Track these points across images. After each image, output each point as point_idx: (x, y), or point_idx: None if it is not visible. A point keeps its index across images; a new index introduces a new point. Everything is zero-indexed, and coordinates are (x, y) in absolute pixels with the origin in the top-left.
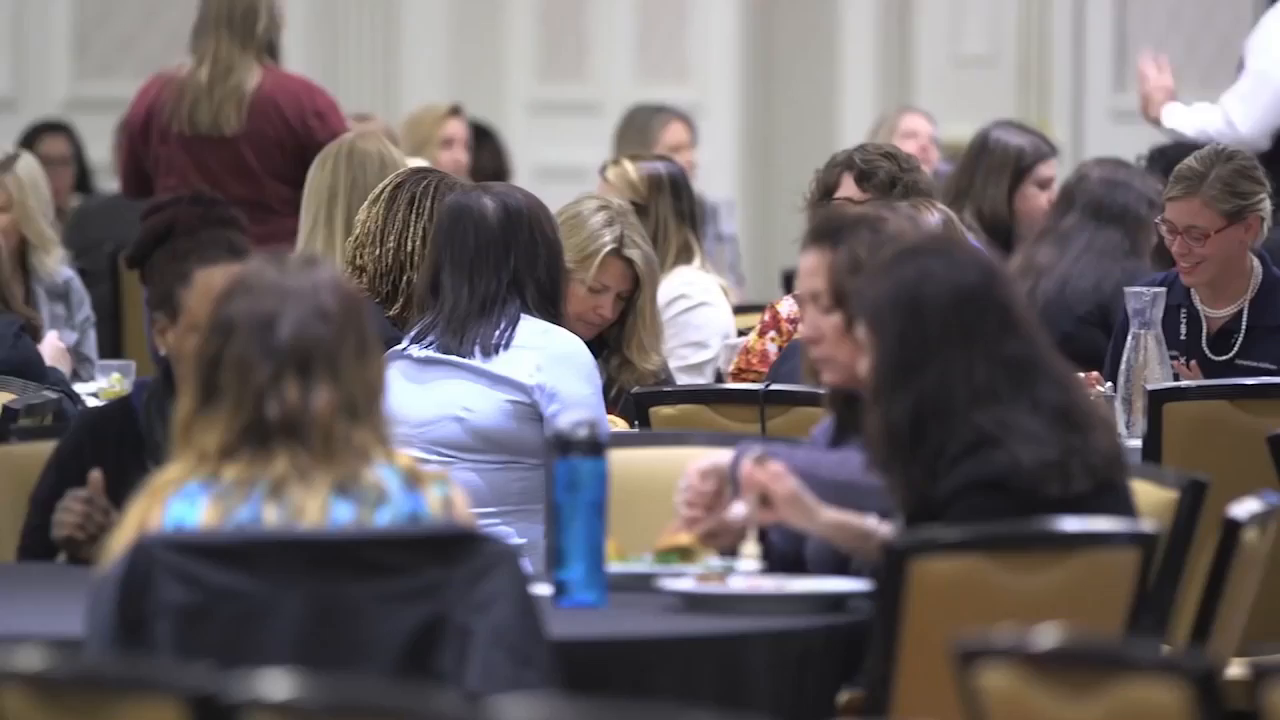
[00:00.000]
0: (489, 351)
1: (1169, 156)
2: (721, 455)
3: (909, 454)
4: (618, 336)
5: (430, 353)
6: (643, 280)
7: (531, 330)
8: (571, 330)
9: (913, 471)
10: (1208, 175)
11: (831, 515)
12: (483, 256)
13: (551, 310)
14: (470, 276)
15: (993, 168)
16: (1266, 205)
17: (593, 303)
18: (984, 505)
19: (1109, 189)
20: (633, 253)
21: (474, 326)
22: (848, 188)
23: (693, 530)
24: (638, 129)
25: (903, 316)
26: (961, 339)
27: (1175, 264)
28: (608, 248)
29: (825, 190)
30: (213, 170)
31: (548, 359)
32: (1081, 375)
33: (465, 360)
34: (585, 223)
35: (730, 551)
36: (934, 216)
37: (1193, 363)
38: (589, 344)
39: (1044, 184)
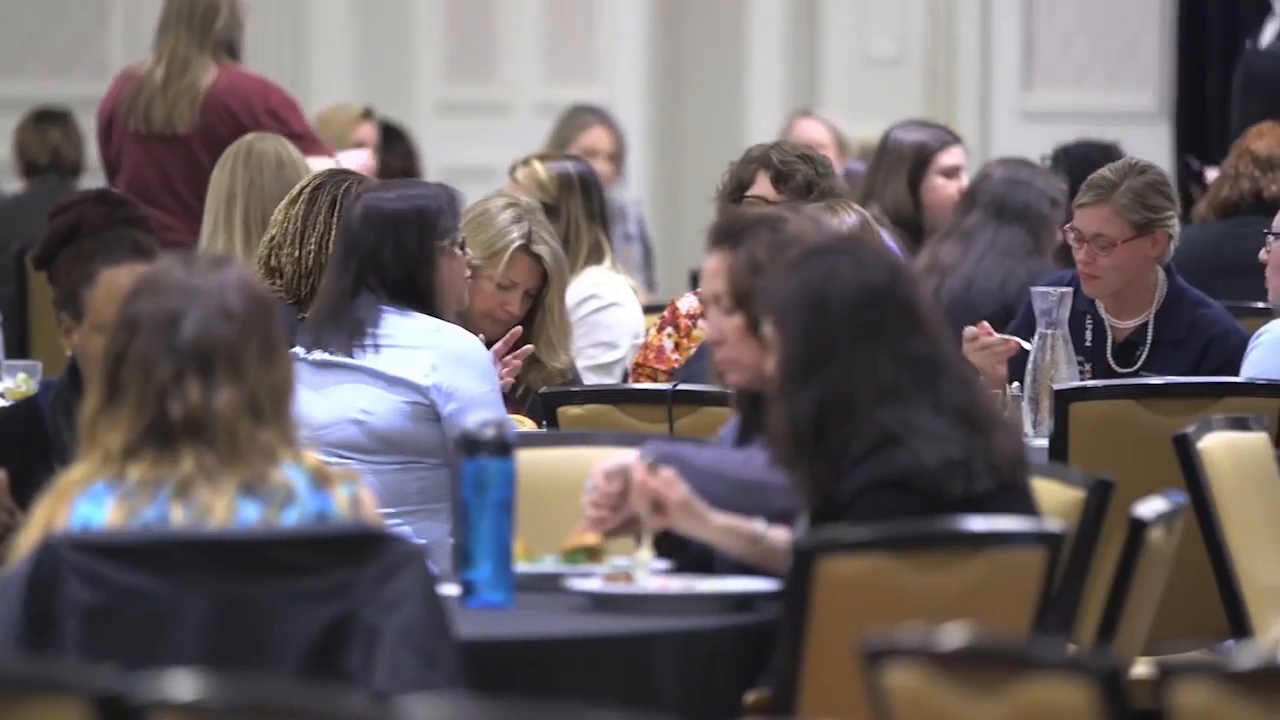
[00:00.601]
0: (351, 350)
1: (1073, 156)
2: (627, 455)
3: (813, 450)
4: (525, 336)
5: (324, 355)
6: (551, 277)
7: (424, 329)
8: (479, 328)
9: (817, 468)
10: (1120, 185)
11: (722, 520)
12: (338, 255)
13: (415, 301)
14: (331, 275)
15: (891, 165)
16: (1175, 224)
17: (500, 299)
18: (887, 504)
19: (1011, 188)
20: (540, 249)
21: (330, 324)
22: (762, 186)
23: (599, 530)
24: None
25: (808, 314)
26: (866, 337)
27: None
28: (515, 244)
29: (739, 185)
30: (166, 169)
31: (442, 358)
32: (972, 329)
33: (360, 362)
34: (493, 220)
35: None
36: (850, 218)
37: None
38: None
39: (949, 172)
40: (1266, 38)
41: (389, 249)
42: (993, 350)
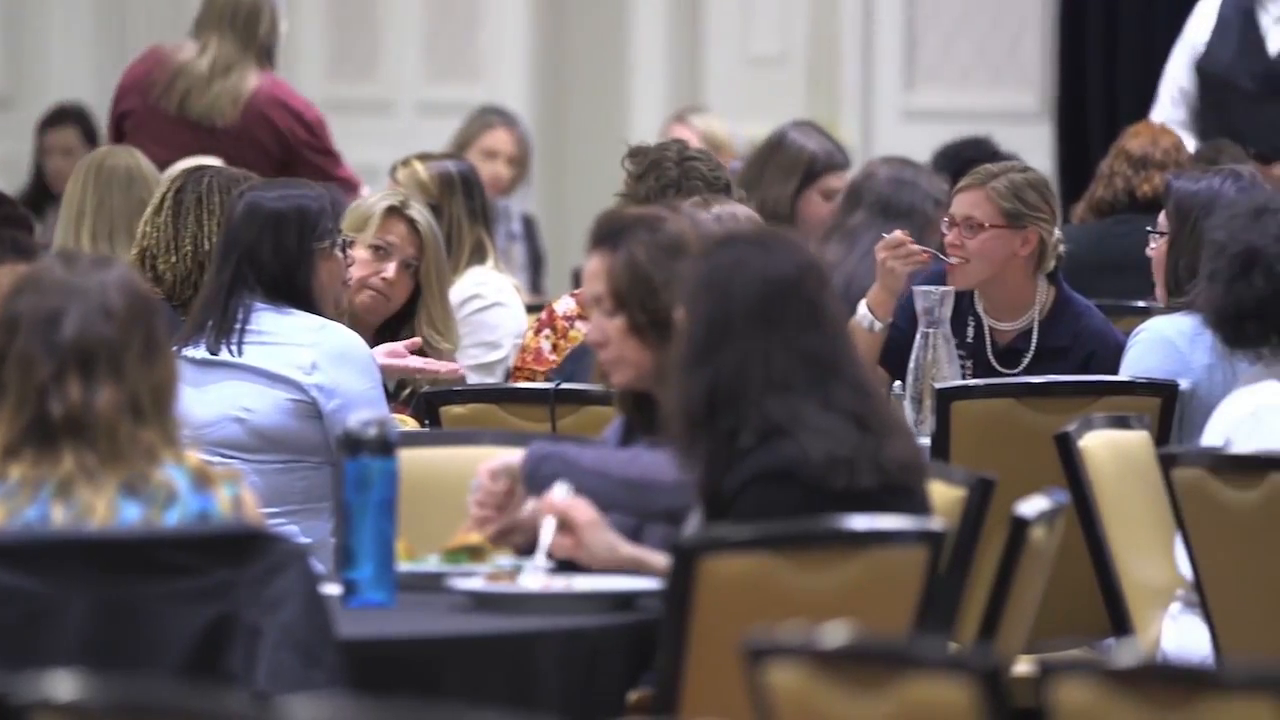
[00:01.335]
0: (231, 347)
1: (963, 157)
2: (512, 455)
3: (703, 433)
4: (410, 333)
5: (203, 354)
6: (426, 244)
7: (305, 326)
8: (356, 299)
9: (707, 451)
10: (999, 175)
11: (629, 551)
12: (218, 252)
13: (293, 300)
14: (210, 272)
15: (783, 165)
16: (1050, 230)
17: (376, 266)
18: (772, 496)
19: (896, 187)
20: (413, 213)
21: (208, 321)
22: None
23: (484, 530)
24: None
25: (711, 298)
26: (764, 326)
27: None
28: (386, 204)
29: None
30: (188, 153)
31: (323, 355)
32: (898, 234)
33: (241, 360)
34: (364, 201)
35: (526, 550)
36: (718, 209)
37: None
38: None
39: (828, 194)
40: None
41: (268, 247)
42: (912, 258)
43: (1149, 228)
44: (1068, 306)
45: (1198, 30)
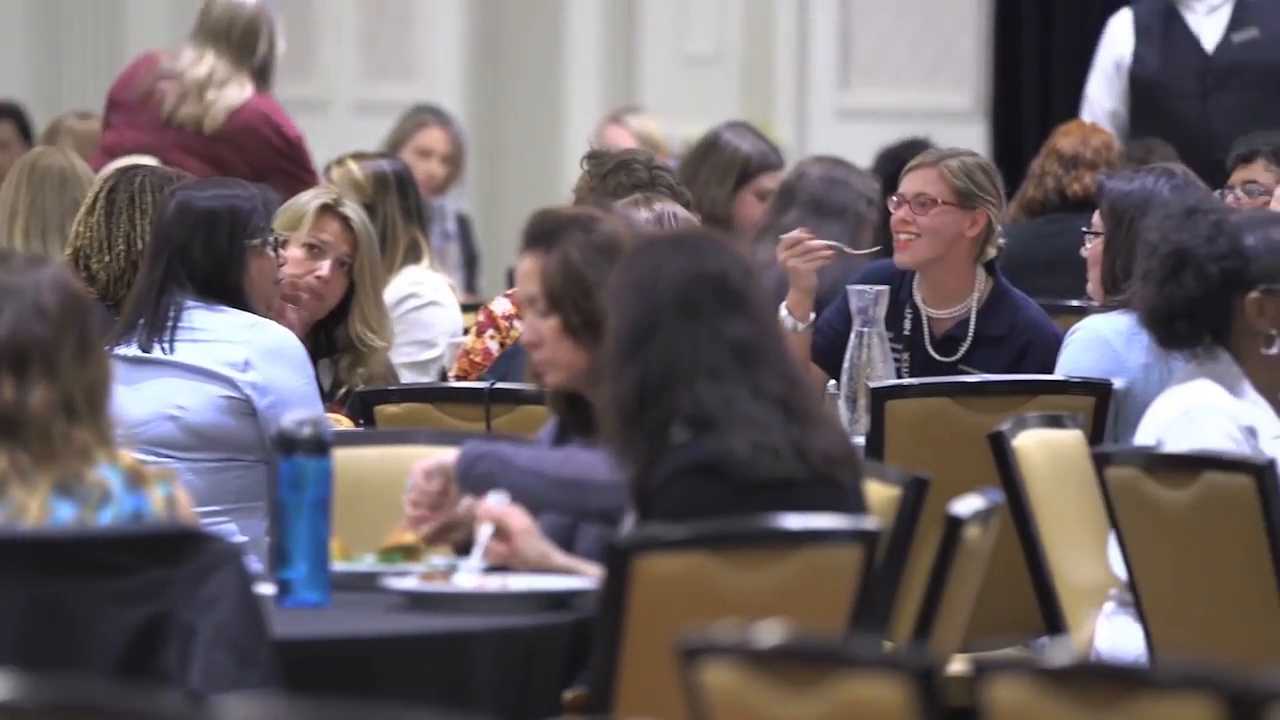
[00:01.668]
0: (163, 344)
1: (901, 159)
2: (446, 455)
3: (636, 429)
4: (345, 332)
5: (135, 352)
6: (360, 242)
7: (238, 324)
8: (291, 299)
9: (639, 447)
10: (951, 157)
11: (562, 561)
12: (150, 251)
13: (225, 298)
14: (142, 271)
15: (718, 166)
16: (997, 215)
17: (310, 265)
18: (696, 490)
19: (828, 186)
20: (346, 210)
21: (140, 319)
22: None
23: (418, 530)
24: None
25: (638, 294)
26: (690, 317)
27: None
28: (319, 202)
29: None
30: (168, 155)
31: (257, 352)
32: (795, 233)
33: (174, 358)
34: (297, 199)
35: (463, 547)
36: (659, 206)
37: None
38: (318, 348)
39: (763, 195)
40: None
41: (199, 246)
42: (812, 254)
43: (1084, 228)
44: (1005, 296)
45: (1115, 47)
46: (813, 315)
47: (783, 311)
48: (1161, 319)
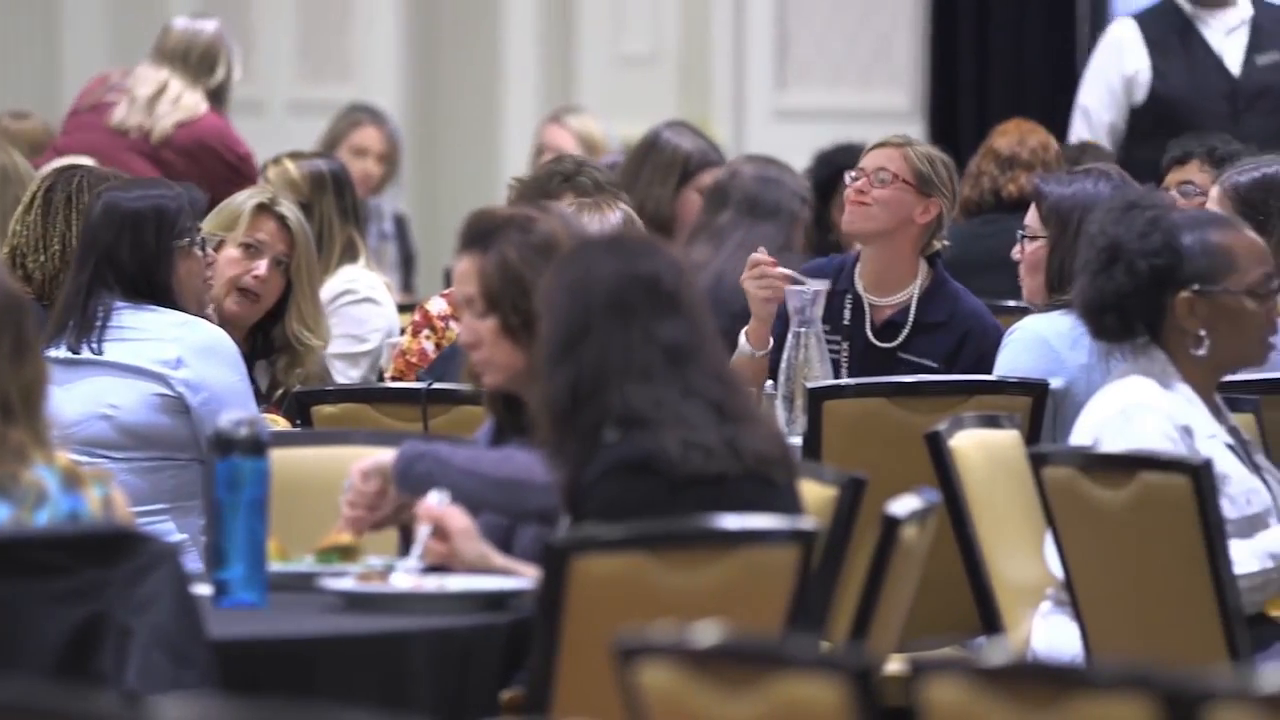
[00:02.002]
0: (94, 345)
1: (836, 163)
2: (384, 455)
3: (568, 428)
4: (282, 332)
5: (65, 353)
6: (297, 241)
7: (169, 322)
8: (229, 302)
9: (571, 448)
10: (918, 144)
11: (501, 562)
12: (78, 252)
13: (153, 299)
14: (71, 272)
15: (660, 166)
16: (948, 210)
17: (247, 265)
18: (628, 487)
19: (762, 185)
20: (282, 209)
21: (70, 320)
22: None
23: (355, 530)
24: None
25: (570, 295)
26: (622, 318)
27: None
28: (255, 202)
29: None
30: (119, 159)
31: (189, 350)
32: (756, 255)
33: (105, 357)
34: (232, 200)
35: (404, 538)
36: (615, 215)
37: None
38: (255, 350)
39: (701, 190)
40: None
41: (126, 247)
42: (770, 282)
43: (1020, 230)
44: (945, 286)
45: (1123, 58)
46: (771, 342)
47: (742, 339)
48: (1093, 311)
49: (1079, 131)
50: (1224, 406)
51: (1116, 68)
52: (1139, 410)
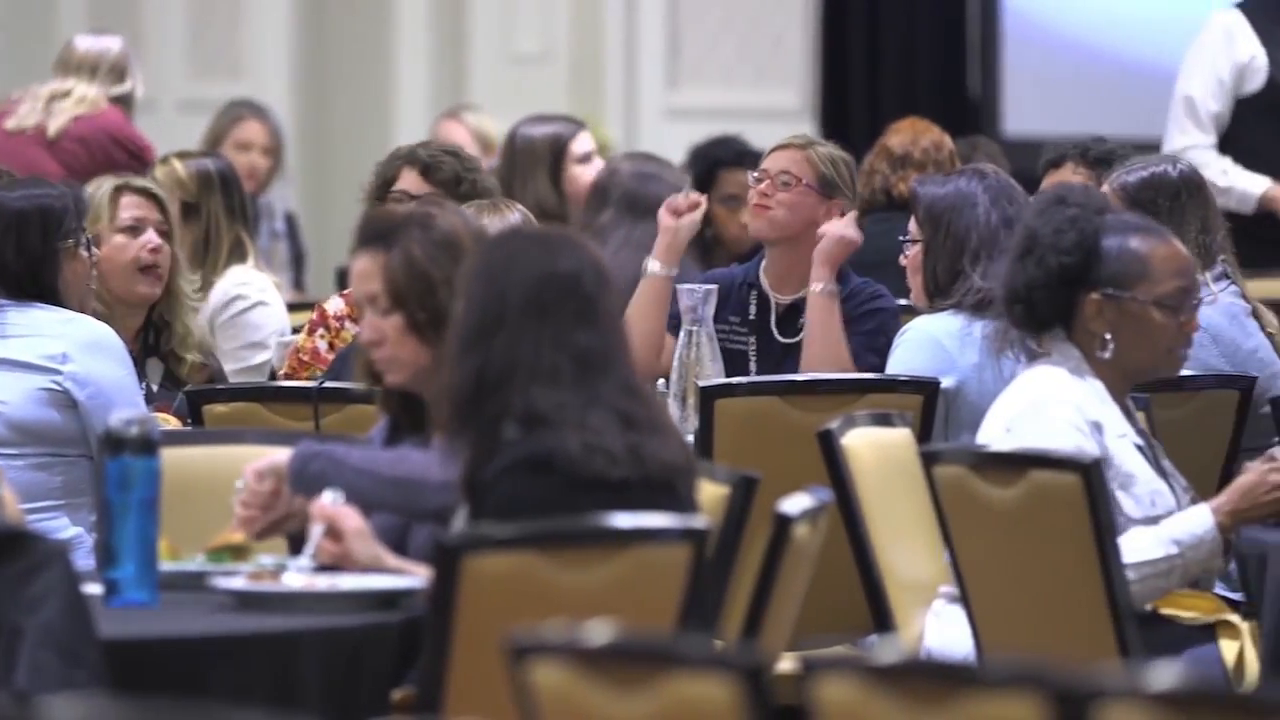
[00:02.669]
0: None
1: (712, 156)
2: (279, 455)
3: (469, 419)
4: (168, 305)
5: None
6: (166, 206)
7: (55, 319)
8: (135, 287)
9: (470, 438)
10: (819, 145)
11: (394, 563)
12: None
13: (40, 299)
14: None
15: (527, 163)
16: (849, 208)
17: (139, 244)
18: (528, 485)
19: (641, 182)
20: (138, 181)
21: None
22: (409, 180)
23: (249, 530)
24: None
25: (487, 286)
26: (536, 318)
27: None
28: (112, 186)
29: (384, 183)
30: (26, 159)
31: (74, 345)
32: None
33: None
34: (92, 195)
35: (298, 539)
36: (514, 215)
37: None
38: (146, 349)
39: (584, 159)
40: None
41: (11, 247)
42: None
43: (901, 236)
44: (845, 274)
45: (1234, 48)
46: (676, 268)
47: (652, 264)
48: (1006, 298)
49: (1182, 123)
50: (1134, 408)
51: (1227, 57)
52: (1050, 402)
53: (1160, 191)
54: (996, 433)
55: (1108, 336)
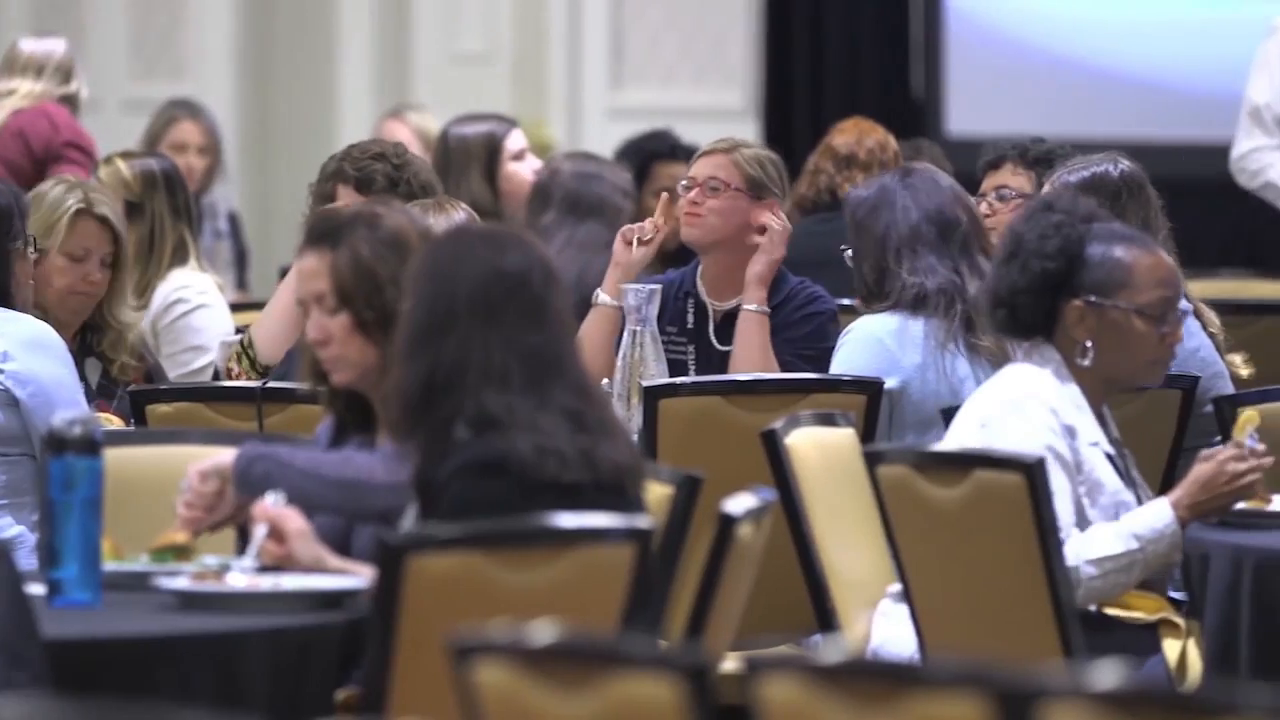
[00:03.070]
0: None
1: (646, 150)
2: (223, 456)
3: (419, 420)
4: (100, 311)
5: None
6: (120, 237)
7: None
8: (65, 308)
9: (422, 440)
10: (744, 146)
11: (336, 564)
12: None
13: None
14: None
15: (461, 162)
16: (780, 208)
17: (80, 272)
18: (480, 487)
19: (583, 182)
20: (102, 210)
21: None
22: (347, 196)
23: (193, 531)
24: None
25: (436, 286)
26: (486, 319)
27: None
28: (73, 209)
29: (324, 203)
30: None
31: (15, 344)
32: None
33: None
34: (46, 197)
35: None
36: (459, 214)
37: None
38: (84, 348)
39: (518, 156)
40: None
41: None
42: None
43: (843, 245)
44: (783, 278)
45: None
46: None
47: (601, 295)
48: (988, 300)
49: (1247, 128)
50: (1110, 417)
51: None
52: (1029, 401)
53: (1100, 191)
54: (971, 427)
55: (1088, 344)
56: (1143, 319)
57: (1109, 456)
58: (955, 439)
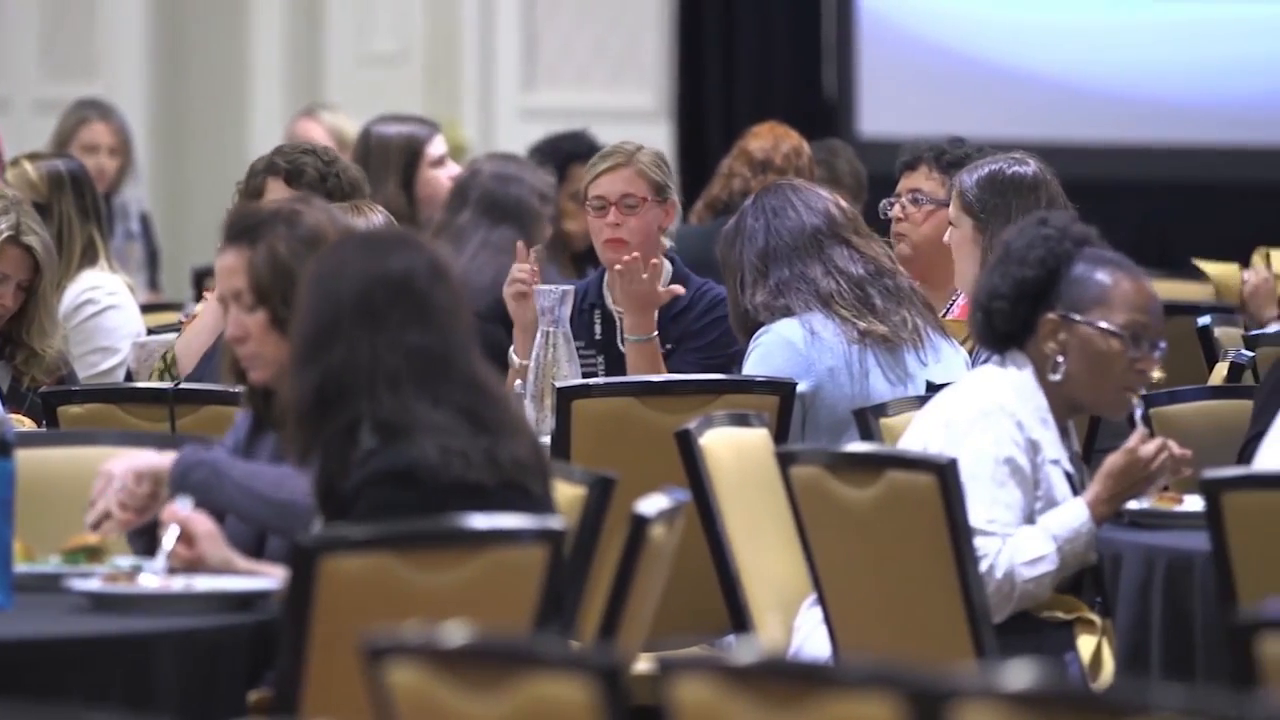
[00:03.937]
0: None
1: (563, 150)
2: (161, 459)
3: (314, 429)
4: (18, 328)
5: None
6: (42, 266)
7: None
8: None
9: (322, 448)
10: (636, 152)
11: (245, 566)
12: None
13: None
14: None
15: (380, 163)
16: (677, 201)
17: None
18: (390, 496)
19: (501, 184)
20: (30, 239)
21: None
22: (276, 190)
23: (124, 531)
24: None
25: (319, 296)
26: (369, 323)
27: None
28: (4, 235)
29: (254, 197)
30: None
31: None
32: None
33: None
34: None
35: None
36: (376, 217)
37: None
38: (13, 365)
39: (438, 162)
40: None
41: None
42: (516, 287)
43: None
44: (686, 278)
45: None
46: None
47: (511, 357)
48: (974, 305)
49: None
50: (1073, 433)
51: None
52: (998, 413)
53: (994, 189)
54: (935, 425)
55: (1060, 359)
56: (1114, 339)
57: (1068, 475)
58: (916, 433)
